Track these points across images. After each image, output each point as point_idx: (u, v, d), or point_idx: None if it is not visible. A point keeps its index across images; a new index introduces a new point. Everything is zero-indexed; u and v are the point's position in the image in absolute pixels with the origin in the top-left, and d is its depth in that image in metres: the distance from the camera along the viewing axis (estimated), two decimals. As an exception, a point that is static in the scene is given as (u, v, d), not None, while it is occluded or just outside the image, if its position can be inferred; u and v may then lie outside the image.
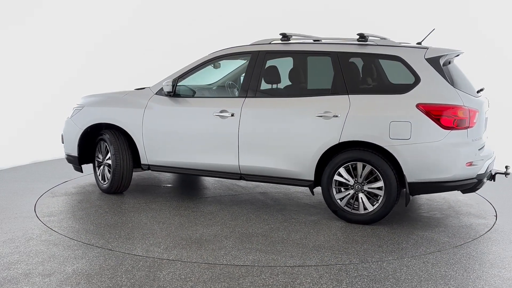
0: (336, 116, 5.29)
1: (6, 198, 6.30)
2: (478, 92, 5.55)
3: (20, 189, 6.71)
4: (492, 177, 5.58)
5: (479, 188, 5.39)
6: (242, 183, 7.07)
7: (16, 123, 9.04)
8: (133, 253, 4.55)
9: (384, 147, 5.14)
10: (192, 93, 6.22)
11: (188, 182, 7.36)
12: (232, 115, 5.73)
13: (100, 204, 6.15)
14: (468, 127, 5.10)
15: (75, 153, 6.65)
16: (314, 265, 4.35)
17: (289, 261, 4.41)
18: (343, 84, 5.38)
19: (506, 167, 5.60)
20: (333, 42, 5.68)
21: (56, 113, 9.52)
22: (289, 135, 5.50)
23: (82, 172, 6.90)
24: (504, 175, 5.63)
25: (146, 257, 4.46)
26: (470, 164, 5.10)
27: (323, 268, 4.30)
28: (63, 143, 6.88)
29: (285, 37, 5.87)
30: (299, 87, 5.85)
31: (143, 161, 6.32)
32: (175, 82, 6.06)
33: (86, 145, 6.71)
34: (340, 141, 5.28)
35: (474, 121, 5.15)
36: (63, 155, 8.44)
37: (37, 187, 6.82)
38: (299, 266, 4.33)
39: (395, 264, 4.41)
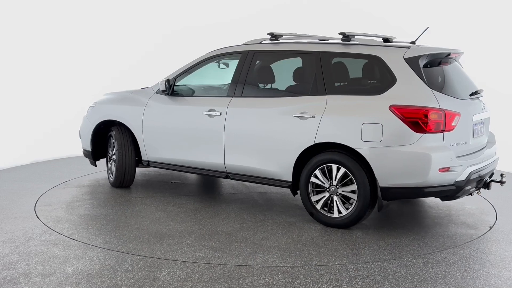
0: (313, 117, 5.24)
1: (6, 198, 6.30)
2: (471, 95, 5.35)
3: (20, 189, 6.71)
4: (486, 185, 5.34)
5: (460, 196, 5.11)
6: (248, 183, 7.07)
7: (16, 123, 9.04)
8: (119, 250, 4.56)
9: (356, 149, 5.00)
10: (190, 92, 6.35)
11: (197, 180, 7.39)
12: (220, 114, 5.80)
13: (99, 197, 6.40)
14: (443, 130, 4.87)
15: (89, 148, 6.97)
16: (307, 266, 4.35)
17: (232, 260, 4.43)
18: (322, 84, 5.32)
19: (502, 175, 5.42)
20: (318, 41, 5.65)
21: (57, 113, 9.53)
22: (269, 135, 5.50)
23: (96, 166, 7.23)
24: (499, 183, 5.44)
25: (146, 257, 4.47)
26: (446, 170, 4.84)
27: (323, 268, 4.30)
28: (80, 138, 7.22)
29: (273, 36, 5.88)
30: (283, 87, 5.84)
31: (144, 157, 6.56)
32: (172, 81, 6.25)
33: (101, 141, 7.04)
34: (315, 142, 5.22)
35: (453, 124, 4.92)
36: (65, 155, 8.47)
37: (37, 187, 6.83)
38: (300, 266, 4.33)
39: (395, 264, 4.41)
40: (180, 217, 5.62)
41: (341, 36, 5.50)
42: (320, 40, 5.78)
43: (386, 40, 5.57)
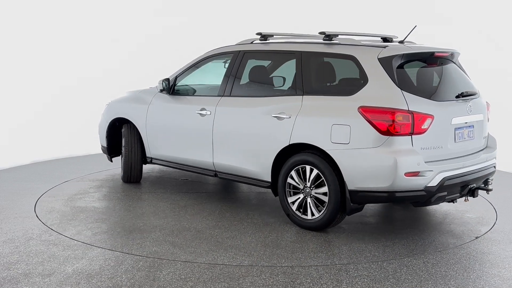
0: (289, 117, 5.19)
1: (6, 198, 6.29)
2: (457, 96, 5.08)
3: (20, 189, 6.71)
4: (470, 192, 5.06)
5: (434, 203, 4.91)
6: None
7: (16, 123, 9.04)
8: (128, 252, 4.56)
9: (326, 150, 4.91)
10: (189, 91, 6.46)
11: (208, 178, 7.39)
12: (210, 113, 5.87)
13: (102, 191, 6.66)
14: (412, 133, 4.67)
15: (105, 144, 7.19)
16: (307, 266, 4.35)
17: (182, 257, 4.49)
18: (301, 84, 5.28)
19: (487, 182, 5.23)
20: (301, 42, 5.61)
21: (57, 114, 9.52)
22: (250, 135, 5.52)
23: (111, 162, 7.44)
24: (485, 191, 5.24)
25: (146, 257, 4.47)
26: (413, 174, 4.64)
27: (323, 268, 4.30)
28: (98, 134, 7.44)
29: (263, 36, 5.89)
30: (267, 87, 5.83)
31: (147, 154, 6.75)
32: (172, 80, 6.37)
33: (118, 138, 7.16)
34: (290, 143, 5.18)
35: (423, 127, 4.71)
36: (65, 155, 8.53)
37: (37, 187, 6.82)
38: (298, 266, 4.33)
39: (395, 264, 4.41)
40: (165, 213, 5.72)
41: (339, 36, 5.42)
42: (326, 40, 5.69)
43: (385, 39, 5.53)
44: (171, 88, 6.37)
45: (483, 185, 5.23)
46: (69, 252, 4.58)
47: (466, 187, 5.03)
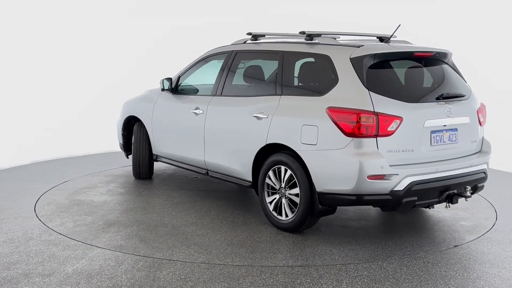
0: (266, 117, 5.19)
1: (6, 198, 6.30)
2: (437, 98, 4.86)
3: (20, 189, 6.71)
4: (449, 198, 4.84)
5: (404, 208, 4.72)
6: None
7: (16, 123, 9.04)
8: (132, 253, 4.56)
9: (297, 151, 4.87)
10: (190, 90, 6.54)
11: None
12: (203, 112, 5.96)
13: (109, 186, 6.86)
14: (377, 135, 4.54)
15: (121, 141, 7.43)
16: (307, 266, 4.35)
17: (142, 251, 4.61)
18: (281, 83, 5.27)
19: (465, 188, 4.90)
20: (284, 41, 5.59)
21: (56, 113, 9.52)
22: (235, 134, 5.56)
23: (128, 158, 7.60)
24: (464, 198, 4.92)
25: (146, 257, 4.47)
26: (376, 177, 4.50)
27: (323, 268, 4.30)
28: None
29: (253, 36, 5.92)
30: (253, 86, 5.84)
31: (153, 151, 6.90)
32: (175, 79, 6.48)
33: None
34: (267, 143, 5.17)
35: (389, 129, 4.55)
36: (65, 155, 8.58)
37: (37, 187, 6.82)
38: (299, 266, 4.33)
39: (395, 264, 4.41)
40: (154, 209, 5.81)
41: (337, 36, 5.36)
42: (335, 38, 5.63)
43: (381, 39, 5.46)
44: (174, 87, 6.46)
45: (464, 192, 4.91)
46: (69, 252, 4.58)
47: (445, 192, 4.81)
